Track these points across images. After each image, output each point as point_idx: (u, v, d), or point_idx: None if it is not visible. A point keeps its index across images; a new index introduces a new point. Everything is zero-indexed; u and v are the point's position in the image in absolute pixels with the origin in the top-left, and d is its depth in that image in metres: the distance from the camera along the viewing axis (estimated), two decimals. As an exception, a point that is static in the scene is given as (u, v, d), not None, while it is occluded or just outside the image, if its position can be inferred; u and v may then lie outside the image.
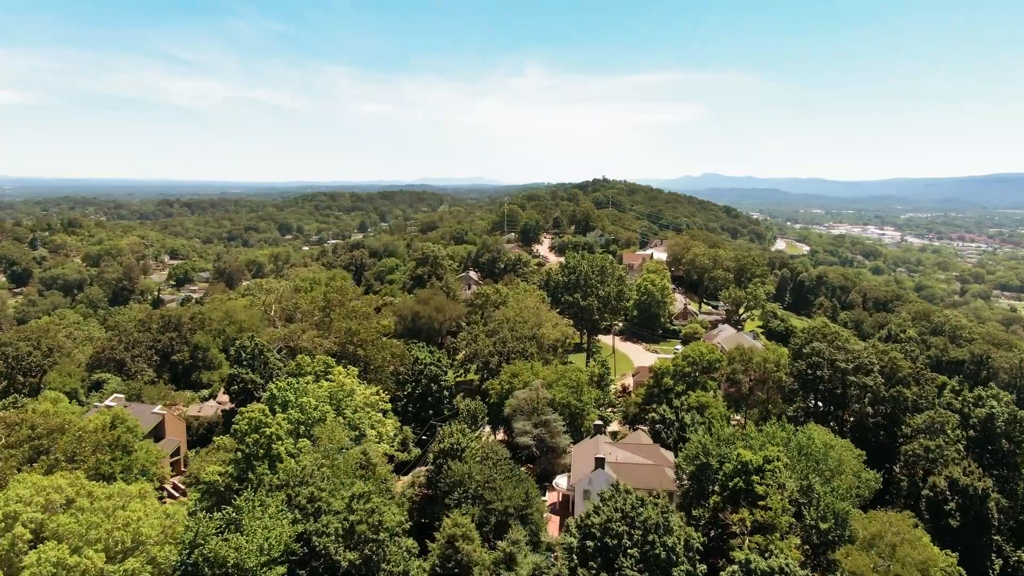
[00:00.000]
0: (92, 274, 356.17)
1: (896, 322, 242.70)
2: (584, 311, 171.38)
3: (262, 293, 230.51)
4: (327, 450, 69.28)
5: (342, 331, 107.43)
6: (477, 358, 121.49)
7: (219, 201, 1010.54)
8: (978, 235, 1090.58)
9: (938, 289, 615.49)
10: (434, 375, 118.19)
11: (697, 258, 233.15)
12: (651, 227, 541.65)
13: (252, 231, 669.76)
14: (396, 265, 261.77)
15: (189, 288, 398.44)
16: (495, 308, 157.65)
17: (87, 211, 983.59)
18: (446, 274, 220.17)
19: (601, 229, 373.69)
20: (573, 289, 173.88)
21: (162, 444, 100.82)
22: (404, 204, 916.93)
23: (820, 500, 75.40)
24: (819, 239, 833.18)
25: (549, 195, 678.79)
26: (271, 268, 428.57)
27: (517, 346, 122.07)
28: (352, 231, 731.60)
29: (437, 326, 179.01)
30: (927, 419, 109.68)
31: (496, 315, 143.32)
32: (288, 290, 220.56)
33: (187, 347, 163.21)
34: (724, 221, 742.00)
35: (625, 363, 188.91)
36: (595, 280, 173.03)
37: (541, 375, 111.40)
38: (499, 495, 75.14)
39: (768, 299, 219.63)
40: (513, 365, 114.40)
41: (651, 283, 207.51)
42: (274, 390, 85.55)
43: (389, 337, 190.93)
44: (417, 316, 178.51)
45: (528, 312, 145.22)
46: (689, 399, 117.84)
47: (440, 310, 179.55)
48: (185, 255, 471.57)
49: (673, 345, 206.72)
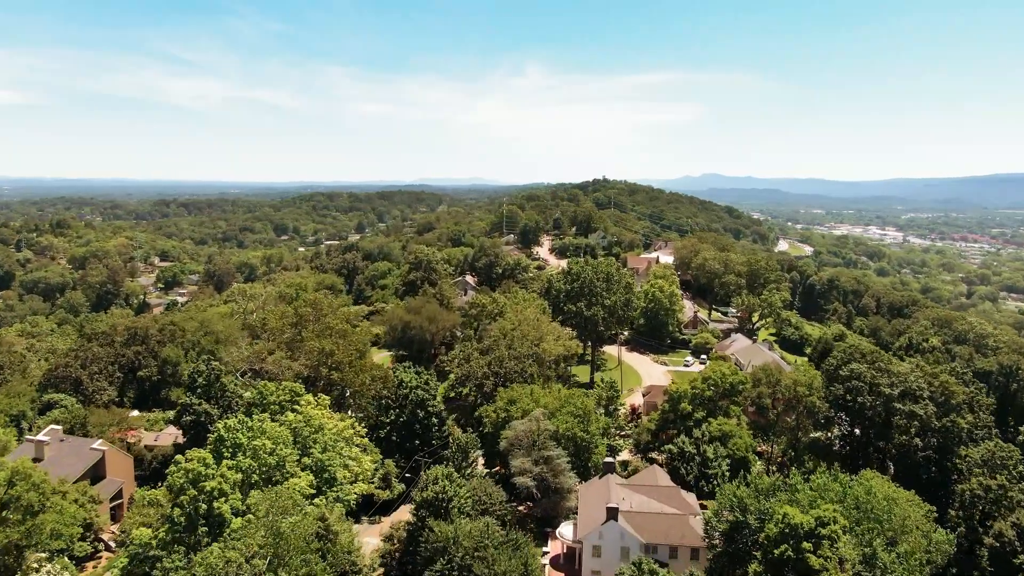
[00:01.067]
0: (75, 277, 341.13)
1: (917, 330, 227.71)
2: (589, 322, 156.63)
3: (245, 300, 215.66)
4: (271, 523, 54.39)
5: (314, 352, 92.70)
6: (470, 380, 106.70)
7: (216, 201, 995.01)
8: (980, 236, 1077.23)
9: (944, 291, 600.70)
10: (421, 400, 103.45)
11: (707, 263, 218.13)
12: (653, 228, 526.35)
13: (247, 232, 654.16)
14: (389, 269, 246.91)
15: (178, 291, 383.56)
16: (491, 320, 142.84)
17: (83, 211, 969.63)
18: (440, 280, 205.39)
19: (603, 231, 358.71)
20: (576, 298, 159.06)
21: (101, 486, 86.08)
22: (403, 204, 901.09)
23: (887, 573, 60.68)
24: (822, 240, 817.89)
25: (549, 195, 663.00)
26: (264, 270, 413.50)
27: (515, 366, 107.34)
28: (349, 232, 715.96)
29: (429, 337, 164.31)
30: (986, 452, 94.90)
31: (492, 329, 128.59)
32: (272, 297, 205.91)
33: (155, 362, 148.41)
34: (727, 222, 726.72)
35: (632, 377, 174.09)
36: (600, 288, 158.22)
37: (542, 402, 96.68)
38: (490, 567, 60.37)
39: (784, 306, 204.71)
40: (510, 390, 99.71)
41: (659, 290, 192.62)
42: (222, 431, 70.81)
43: (380, 346, 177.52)
44: (407, 326, 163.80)
45: (527, 325, 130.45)
46: (710, 427, 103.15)
47: (433, 320, 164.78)
48: (176, 257, 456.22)
49: (683, 356, 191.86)
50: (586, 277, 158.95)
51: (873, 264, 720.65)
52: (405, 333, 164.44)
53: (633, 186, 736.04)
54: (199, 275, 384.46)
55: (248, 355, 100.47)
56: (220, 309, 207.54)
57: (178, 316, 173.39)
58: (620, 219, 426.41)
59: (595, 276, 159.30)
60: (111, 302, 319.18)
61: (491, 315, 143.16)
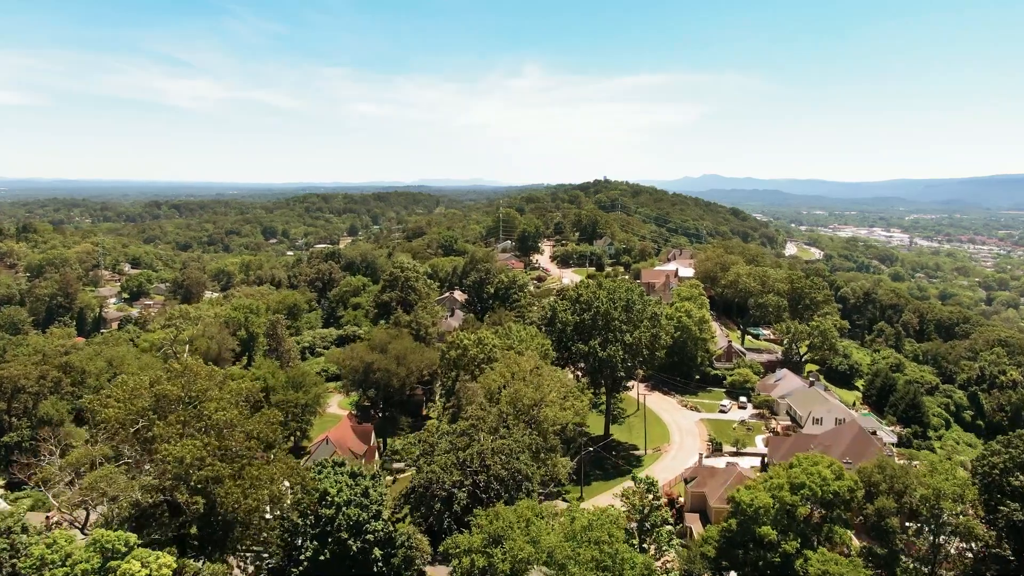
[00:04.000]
0: (23, 290, 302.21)
1: (988, 359, 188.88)
2: (604, 365, 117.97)
3: (187, 324, 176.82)
4: None
5: (172, 460, 54.43)
6: (432, 491, 67.51)
7: (208, 203, 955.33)
8: (988, 238, 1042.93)
9: (964, 297, 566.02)
10: (355, 523, 64.92)
11: (741, 279, 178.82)
12: (660, 232, 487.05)
13: (234, 235, 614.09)
14: (364, 285, 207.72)
15: (144, 302, 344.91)
16: (476, 368, 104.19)
17: (72, 213, 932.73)
18: (421, 302, 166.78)
19: (610, 237, 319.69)
20: (588, 333, 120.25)
21: None
22: (399, 206, 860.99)
23: None
24: (831, 243, 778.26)
25: (549, 197, 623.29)
26: (241, 278, 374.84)
27: (503, 467, 68.55)
28: (341, 235, 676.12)
29: (398, 383, 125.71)
30: None
31: (473, 390, 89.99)
32: (215, 324, 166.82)
33: (28, 421, 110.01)
34: (733, 224, 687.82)
35: (657, 428, 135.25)
36: (619, 320, 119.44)
37: (544, 542, 58.08)
38: None
39: (841, 335, 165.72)
40: (493, 515, 61.10)
41: (686, 314, 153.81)
42: None
43: (342, 388, 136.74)
44: (371, 369, 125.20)
45: (524, 383, 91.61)
46: (808, 567, 64.70)
47: (403, 360, 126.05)
48: (148, 263, 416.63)
49: (717, 398, 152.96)
50: (600, 306, 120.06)
51: (886, 268, 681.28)
52: (369, 375, 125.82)
53: (636, 187, 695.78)
54: (169, 284, 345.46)
55: (76, 458, 61.77)
56: (152, 337, 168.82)
57: (81, 355, 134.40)
58: (626, 223, 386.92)
59: (611, 305, 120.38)
60: (61, 317, 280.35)
61: (476, 362, 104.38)
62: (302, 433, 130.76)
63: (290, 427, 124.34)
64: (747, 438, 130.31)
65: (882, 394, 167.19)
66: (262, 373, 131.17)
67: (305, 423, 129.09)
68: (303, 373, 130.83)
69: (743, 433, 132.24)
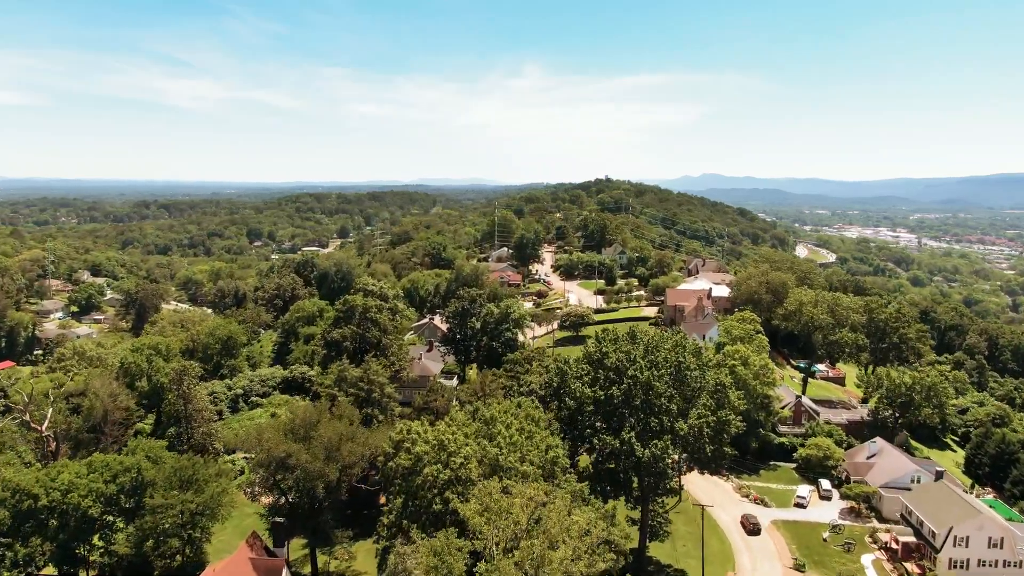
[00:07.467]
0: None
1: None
2: (644, 468, 73.79)
3: (82, 364, 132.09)
4: None
5: None
6: None
7: (198, 203, 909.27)
8: (997, 238, 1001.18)
9: (990, 303, 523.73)
10: None
11: (804, 308, 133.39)
12: (670, 235, 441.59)
13: (216, 237, 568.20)
14: (320, 311, 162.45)
15: (94, 317, 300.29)
16: (435, 498, 60.06)
17: (59, 213, 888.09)
18: (382, 341, 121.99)
19: (620, 244, 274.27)
20: (617, 416, 76.10)
21: None
22: (394, 206, 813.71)
23: None
24: (841, 244, 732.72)
25: (549, 196, 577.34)
26: (209, 288, 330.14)
27: None
28: (331, 236, 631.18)
29: (323, 487, 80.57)
30: None
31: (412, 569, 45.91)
32: (108, 376, 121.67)
33: None
34: (742, 225, 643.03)
35: (714, 541, 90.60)
36: (665, 396, 75.16)
37: None
38: None
39: (957, 391, 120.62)
40: None
41: (742, 363, 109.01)
42: None
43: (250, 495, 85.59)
44: (285, 463, 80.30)
45: (516, 533, 47.97)
46: None
47: (333, 454, 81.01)
48: (110, 271, 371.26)
49: (788, 483, 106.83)
50: (637, 375, 75.48)
51: (903, 272, 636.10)
52: (285, 471, 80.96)
53: (639, 186, 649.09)
54: (122, 297, 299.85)
55: None
56: (26, 387, 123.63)
57: None
58: (636, 226, 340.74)
59: (653, 372, 75.80)
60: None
61: (433, 488, 59.70)
62: (192, 552, 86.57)
63: (169, 545, 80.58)
64: (849, 561, 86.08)
65: (996, 465, 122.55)
66: (136, 461, 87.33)
67: (197, 537, 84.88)
68: (193, 463, 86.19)
69: (841, 550, 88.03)
